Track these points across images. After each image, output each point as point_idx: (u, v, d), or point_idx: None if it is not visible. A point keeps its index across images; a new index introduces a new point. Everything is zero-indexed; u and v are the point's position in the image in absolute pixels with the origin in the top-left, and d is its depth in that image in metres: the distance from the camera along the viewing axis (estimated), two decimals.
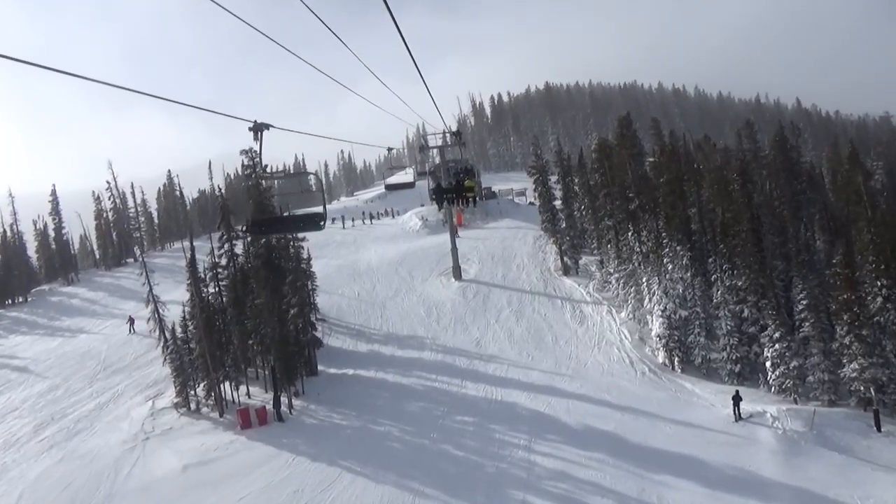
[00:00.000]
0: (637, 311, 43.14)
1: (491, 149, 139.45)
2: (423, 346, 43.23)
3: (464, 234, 66.81)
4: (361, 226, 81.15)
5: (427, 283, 55.40)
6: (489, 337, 44.28)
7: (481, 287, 53.16)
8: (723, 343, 37.74)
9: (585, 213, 57.20)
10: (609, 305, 47.91)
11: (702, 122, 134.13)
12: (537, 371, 37.71)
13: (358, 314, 50.03)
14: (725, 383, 37.03)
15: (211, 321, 33.54)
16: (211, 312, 34.07)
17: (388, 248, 66.92)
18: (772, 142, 69.34)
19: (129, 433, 30.87)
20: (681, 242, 42.86)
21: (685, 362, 38.88)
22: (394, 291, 54.00)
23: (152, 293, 35.36)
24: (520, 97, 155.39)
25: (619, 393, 34.37)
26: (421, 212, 78.94)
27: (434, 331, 45.73)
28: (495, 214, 75.78)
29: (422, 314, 48.91)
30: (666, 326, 38.74)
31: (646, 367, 38.45)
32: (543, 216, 57.93)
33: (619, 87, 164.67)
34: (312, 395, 34.86)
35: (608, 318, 45.95)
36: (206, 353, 32.12)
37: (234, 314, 35.04)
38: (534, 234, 64.93)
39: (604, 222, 55.05)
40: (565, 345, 42.32)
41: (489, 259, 59.49)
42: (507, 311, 48.31)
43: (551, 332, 44.49)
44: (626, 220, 49.80)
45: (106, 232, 73.19)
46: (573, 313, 47.40)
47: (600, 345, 42.12)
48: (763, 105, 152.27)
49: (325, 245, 74.19)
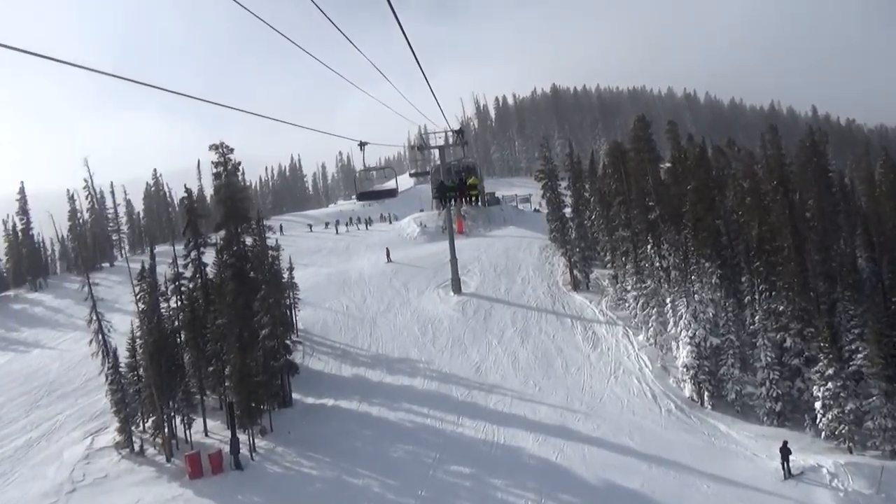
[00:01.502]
0: (659, 335, 37.96)
1: (495, 153, 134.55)
2: (415, 371, 38.12)
3: (465, 243, 61.77)
4: (356, 231, 76.06)
5: (423, 296, 50.31)
6: (490, 361, 39.17)
7: (482, 302, 48.07)
8: (761, 377, 32.56)
9: (598, 223, 52.03)
10: (625, 326, 42.78)
11: (714, 128, 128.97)
12: (546, 406, 32.54)
13: (345, 331, 44.93)
14: (764, 424, 31.90)
15: (161, 345, 28.39)
16: (162, 334, 28.91)
17: (383, 257, 61.87)
18: (799, 149, 64.59)
19: (53, 482, 25.69)
20: (709, 258, 37.73)
21: (716, 397, 33.72)
22: (386, 305, 48.92)
23: (95, 310, 30.29)
24: (525, 100, 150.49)
25: (643, 436, 29.20)
26: (420, 217, 73.95)
27: (429, 353, 40.62)
28: (499, 222, 70.72)
29: (416, 333, 43.81)
30: (695, 356, 33.57)
31: (671, 403, 33.29)
32: (552, 225, 52.85)
33: (627, 91, 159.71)
34: (282, 433, 29.68)
35: (624, 342, 40.82)
36: (153, 383, 27.01)
37: (189, 336, 29.92)
38: (540, 243, 59.87)
39: (618, 233, 50.01)
40: (577, 373, 37.18)
41: (492, 271, 54.37)
42: (511, 331, 43.20)
43: (561, 356, 39.37)
44: (646, 232, 44.68)
45: (80, 234, 68.05)
46: (585, 335, 42.28)
47: (617, 373, 36.97)
48: (777, 112, 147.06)
49: (315, 251, 69.36)
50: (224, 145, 35.31)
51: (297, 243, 73.72)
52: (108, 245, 71.45)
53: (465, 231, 67.58)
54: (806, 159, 51.65)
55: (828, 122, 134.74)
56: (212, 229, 39.77)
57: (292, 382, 35.18)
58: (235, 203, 35.18)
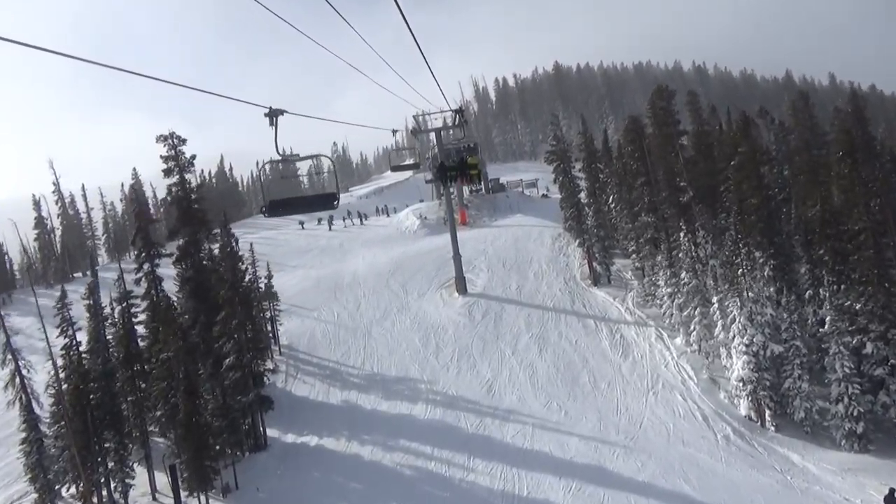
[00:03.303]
0: (705, 340, 31.96)
1: (497, 136, 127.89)
2: (416, 393, 32.34)
3: (469, 235, 55.83)
4: (352, 226, 70.08)
5: (424, 298, 44.48)
6: (504, 377, 33.34)
7: (491, 303, 42.20)
8: (836, 392, 26.60)
9: (620, 208, 45.95)
10: (657, 327, 36.87)
11: (727, 101, 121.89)
12: (575, 437, 26.66)
13: (335, 345, 39.18)
14: (843, 449, 26.07)
15: (86, 391, 22.54)
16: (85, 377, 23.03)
17: (380, 254, 55.98)
18: (834, 117, 58.43)
19: None
20: (759, 246, 31.72)
21: (779, 416, 27.82)
22: (382, 312, 43.10)
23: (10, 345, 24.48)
24: (526, 80, 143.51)
25: (701, 477, 23.32)
26: (419, 209, 67.87)
27: (432, 369, 34.81)
28: (504, 210, 64.63)
29: (416, 344, 38.00)
30: (754, 367, 27.58)
31: (727, 427, 27.36)
32: (567, 212, 46.87)
33: (632, 66, 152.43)
34: (249, 491, 23.92)
35: (659, 347, 34.92)
36: (73, 442, 21.27)
37: (127, 376, 24.12)
38: (551, 232, 53.93)
39: (641, 218, 44.02)
40: (608, 389, 31.29)
41: (500, 266, 48.45)
42: (527, 338, 37.34)
43: (587, 368, 33.49)
44: (677, 217, 38.66)
45: (48, 243, 62.28)
46: (612, 339, 36.40)
47: (656, 388, 31.07)
48: (794, 82, 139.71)
49: (305, 251, 63.49)
50: (175, 136, 29.40)
51: (288, 242, 67.98)
52: (82, 254, 65.61)
53: (468, 222, 61.68)
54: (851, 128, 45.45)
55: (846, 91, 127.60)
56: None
57: (269, 415, 29.49)
58: (190, 204, 29.28)
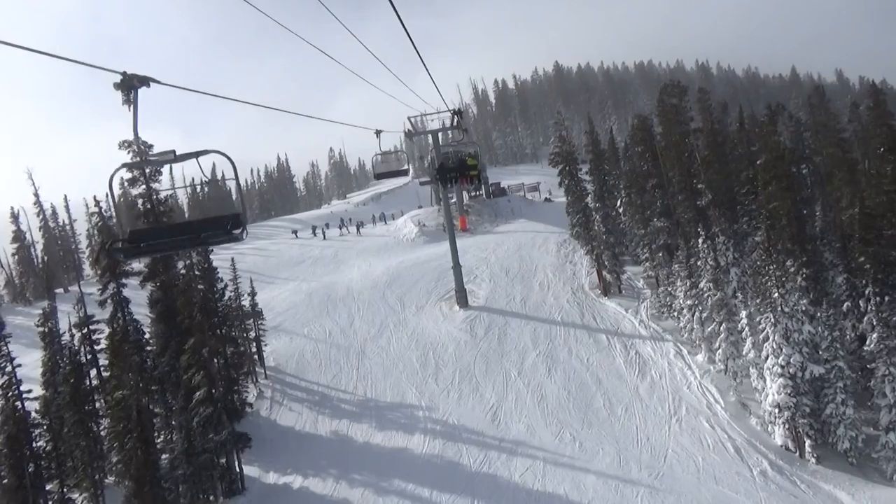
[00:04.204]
0: (732, 359, 28.88)
1: (497, 139, 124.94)
2: (413, 422, 29.33)
3: (469, 242, 52.91)
4: (348, 235, 66.96)
5: (423, 313, 41.51)
6: (510, 402, 30.31)
7: (495, 317, 39.22)
8: (887, 419, 23.57)
9: (633, 213, 42.92)
10: (675, 342, 33.87)
11: (732, 100, 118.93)
12: (592, 475, 23.63)
13: (326, 366, 36.20)
14: (895, 484, 22.98)
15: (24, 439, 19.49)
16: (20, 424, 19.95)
17: (376, 264, 53.02)
18: (852, 112, 55.73)
19: None
20: (791, 254, 28.71)
21: (820, 446, 24.76)
22: (378, 328, 40.11)
23: None
24: (526, 82, 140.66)
25: None
26: (417, 215, 64.87)
27: (431, 393, 31.79)
28: (506, 215, 61.72)
29: (414, 364, 35.00)
30: (791, 391, 24.51)
31: (763, 461, 24.29)
32: (574, 218, 43.86)
33: (633, 66, 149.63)
34: None
35: (679, 364, 31.87)
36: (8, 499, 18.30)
37: (76, 419, 21.11)
38: (556, 238, 50.99)
39: (653, 223, 41.11)
40: (626, 415, 28.23)
41: (503, 275, 45.48)
42: (534, 356, 34.33)
43: (601, 390, 30.45)
44: (694, 222, 35.70)
45: (27, 258, 59.31)
46: (627, 356, 33.35)
47: (679, 413, 28.00)
48: (800, 79, 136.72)
49: (298, 262, 60.44)
50: (141, 141, 26.36)
51: (280, 253, 64.94)
52: (64, 268, 62.65)
53: (469, 228, 58.76)
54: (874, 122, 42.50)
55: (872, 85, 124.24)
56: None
57: (250, 450, 26.50)
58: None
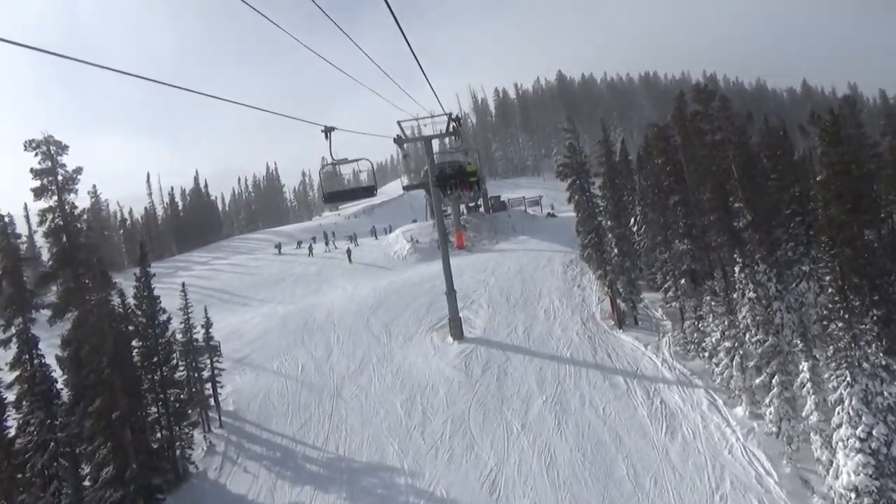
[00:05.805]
0: (787, 419, 23.35)
1: (497, 151, 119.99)
2: (392, 492, 23.84)
3: (467, 261, 47.64)
4: (335, 251, 61.58)
5: (411, 344, 36.20)
6: (512, 466, 24.82)
7: (494, 353, 33.87)
8: None
9: (653, 234, 37.56)
10: (707, 388, 28.43)
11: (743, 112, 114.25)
12: None
13: (294, 412, 30.74)
14: None
15: None
16: None
17: (363, 285, 47.80)
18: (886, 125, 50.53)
19: None
20: (858, 291, 23.31)
21: None
22: (358, 363, 34.75)
23: None
24: (528, 92, 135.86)
25: None
26: (410, 231, 59.57)
27: (416, 452, 26.27)
28: (507, 231, 56.53)
29: (398, 411, 29.54)
30: (873, 472, 19.04)
31: None
32: (585, 238, 38.55)
33: (638, 77, 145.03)
34: None
35: (715, 419, 26.40)
36: None
37: None
38: (561, 258, 45.87)
39: (675, 245, 35.80)
40: (656, 490, 22.72)
41: (503, 301, 40.18)
42: (540, 403, 28.90)
43: (622, 452, 24.95)
44: (730, 246, 30.35)
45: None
46: (650, 406, 27.87)
47: (722, 488, 22.50)
48: (813, 92, 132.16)
49: (278, 281, 54.98)
50: (53, 140, 21.06)
51: (260, 270, 59.64)
52: None
53: (466, 245, 53.52)
54: None
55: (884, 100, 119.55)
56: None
57: None
58: (72, 236, 20.93)
